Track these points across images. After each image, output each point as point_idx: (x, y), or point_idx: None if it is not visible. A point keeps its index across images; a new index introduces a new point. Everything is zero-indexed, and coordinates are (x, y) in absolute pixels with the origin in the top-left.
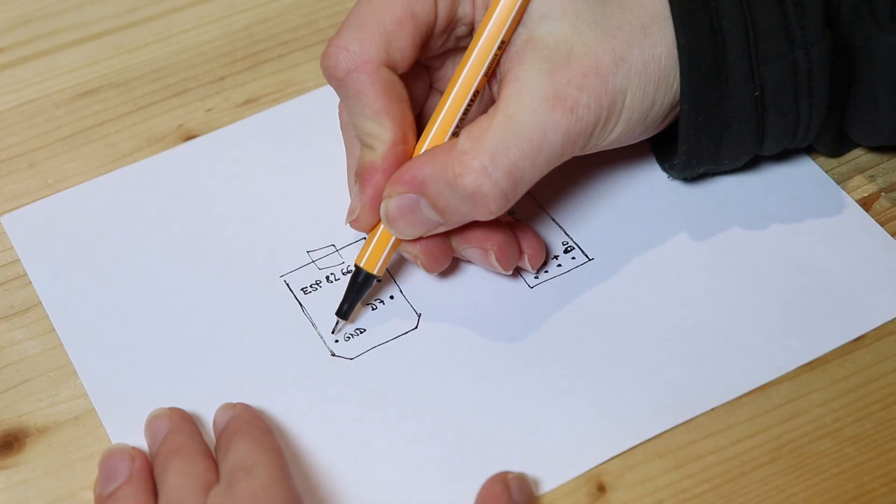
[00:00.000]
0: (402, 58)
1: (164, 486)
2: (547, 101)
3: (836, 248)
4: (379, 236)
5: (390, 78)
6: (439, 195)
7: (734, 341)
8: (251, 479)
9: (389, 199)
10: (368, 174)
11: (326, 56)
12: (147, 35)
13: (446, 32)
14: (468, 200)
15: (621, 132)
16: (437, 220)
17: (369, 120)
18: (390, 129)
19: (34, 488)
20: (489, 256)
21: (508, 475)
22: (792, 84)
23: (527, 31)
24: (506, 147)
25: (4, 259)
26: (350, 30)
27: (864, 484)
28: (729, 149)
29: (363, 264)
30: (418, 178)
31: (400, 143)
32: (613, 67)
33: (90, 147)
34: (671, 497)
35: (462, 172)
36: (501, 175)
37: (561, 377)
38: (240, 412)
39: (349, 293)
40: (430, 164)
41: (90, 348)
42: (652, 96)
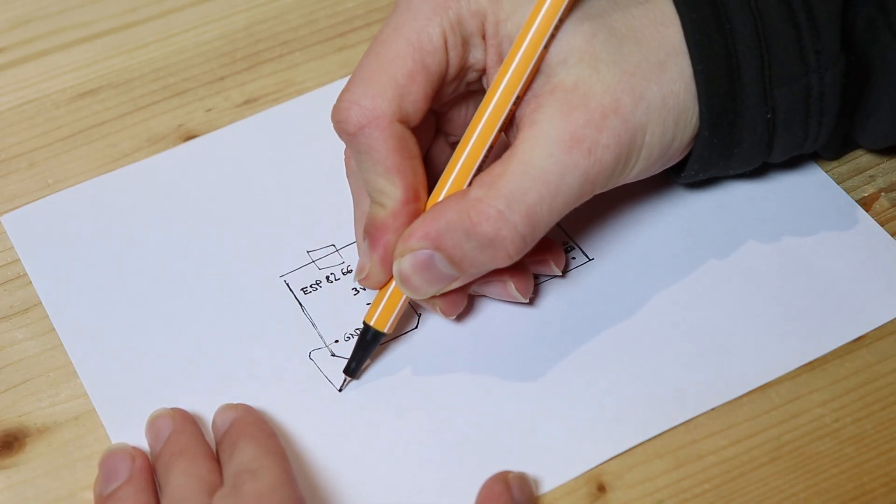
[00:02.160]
0: (414, 110)
1: (168, 487)
2: (564, 143)
3: (836, 248)
4: (390, 294)
5: (403, 133)
6: (456, 247)
7: (734, 341)
8: (256, 481)
9: (402, 258)
10: (378, 232)
11: (338, 110)
12: (147, 35)
13: (457, 80)
14: (487, 248)
15: (641, 169)
16: (453, 275)
17: (380, 177)
18: (401, 187)
19: (34, 488)
20: (508, 288)
21: (509, 475)
22: (804, 107)
23: (545, 77)
24: (522, 191)
25: (4, 259)
26: (361, 84)
27: (864, 484)
28: (738, 162)
29: (373, 323)
30: (432, 233)
31: (411, 202)
32: (633, 105)
33: (90, 147)
34: (671, 497)
35: (479, 220)
36: (519, 219)
37: (561, 377)
38: (242, 414)
39: (357, 351)
40: (444, 217)
41: (90, 348)
42: (672, 131)
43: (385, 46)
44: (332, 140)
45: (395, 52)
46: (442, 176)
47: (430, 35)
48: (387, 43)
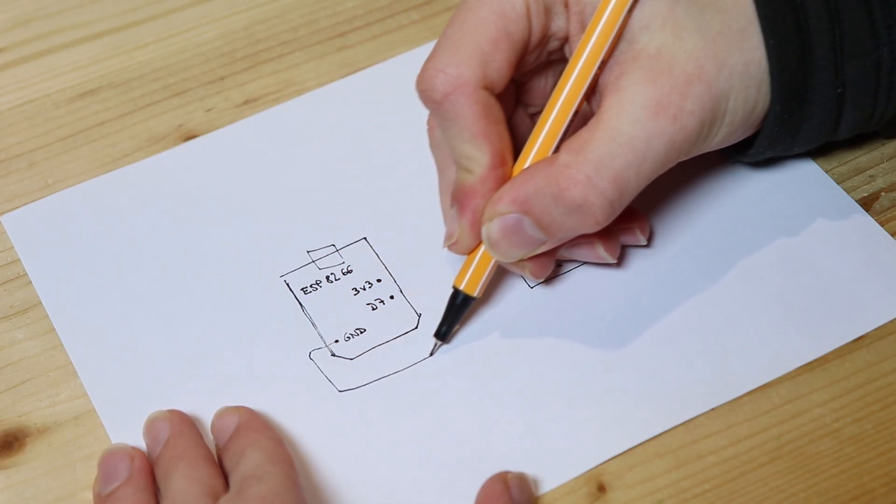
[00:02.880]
0: (498, 78)
1: (169, 491)
2: (650, 109)
3: (836, 248)
4: (479, 258)
5: (488, 100)
6: (544, 212)
7: (734, 341)
8: (261, 485)
9: (491, 222)
10: (467, 198)
11: (423, 79)
12: (147, 35)
13: (539, 48)
14: (575, 213)
15: (724, 135)
16: (540, 239)
17: (467, 143)
18: (488, 152)
19: (34, 488)
20: (596, 250)
21: (508, 475)
22: (874, 81)
23: (627, 44)
24: (610, 157)
25: (4, 259)
26: (446, 52)
27: (864, 484)
28: (804, 139)
29: (463, 287)
30: (521, 197)
31: (498, 167)
32: (716, 72)
33: (90, 147)
34: (671, 497)
35: (567, 185)
36: (607, 185)
37: (561, 377)
38: (248, 420)
39: (448, 315)
40: (532, 182)
41: (90, 348)
42: (754, 98)
43: (469, 14)
44: (332, 140)
45: (479, 19)
46: (527, 142)
47: (513, 3)
48: (471, 11)
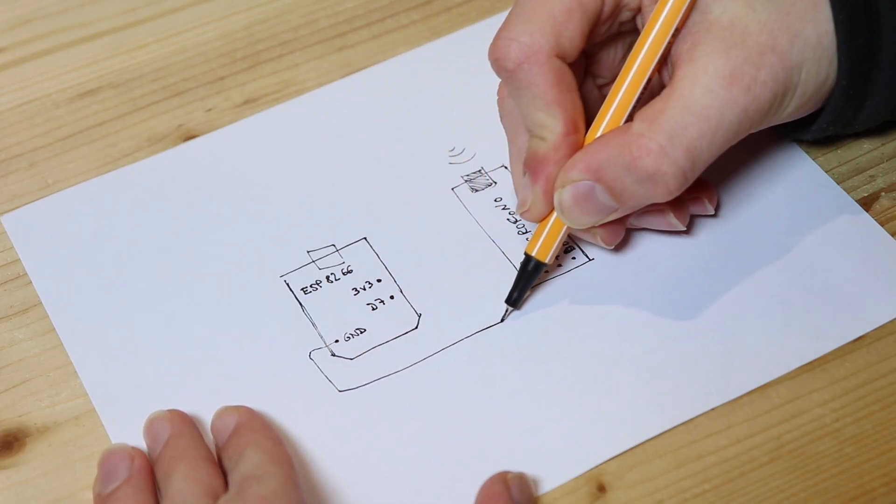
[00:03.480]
0: (571, 47)
1: (170, 491)
2: (724, 80)
3: (836, 248)
4: (552, 225)
5: (561, 68)
6: (616, 180)
7: (734, 341)
8: (261, 485)
9: (563, 189)
10: (540, 165)
11: (496, 48)
12: (147, 35)
13: (611, 18)
14: (647, 182)
15: (796, 107)
16: (612, 206)
17: (540, 111)
18: (562, 119)
19: (34, 488)
20: (667, 217)
21: (508, 475)
22: None
23: (700, 14)
24: (683, 126)
25: (4, 259)
26: (519, 21)
27: (864, 484)
28: (865, 117)
29: (535, 253)
30: (594, 165)
31: (571, 133)
32: (789, 43)
33: (90, 147)
34: (671, 497)
35: (640, 154)
36: (680, 154)
37: (561, 377)
38: (247, 420)
39: (519, 281)
40: (606, 150)
41: (90, 348)
42: (826, 70)
43: None
44: (332, 140)
45: None
46: (599, 111)
47: None
48: None
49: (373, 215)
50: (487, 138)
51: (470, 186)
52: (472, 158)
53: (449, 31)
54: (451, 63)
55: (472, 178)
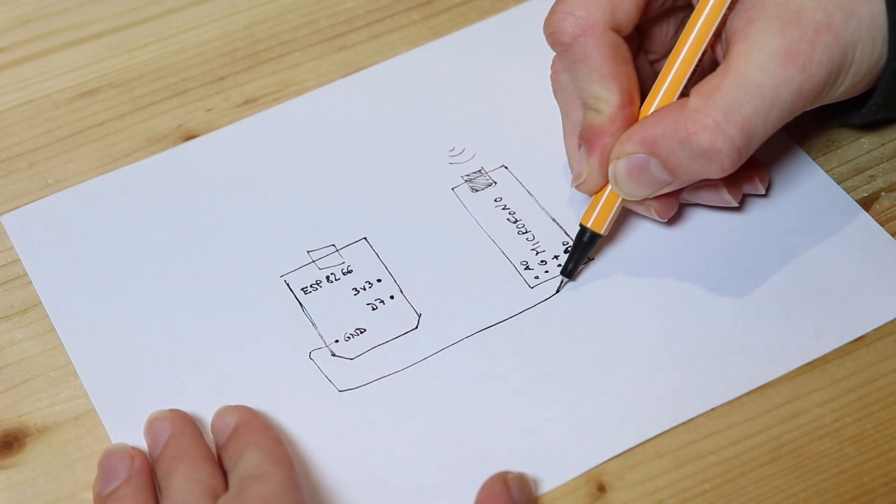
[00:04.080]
0: (626, 21)
1: (170, 491)
2: (779, 58)
3: (836, 248)
4: (607, 197)
5: (616, 41)
6: (671, 154)
7: (734, 341)
8: (261, 485)
9: (618, 161)
10: (596, 137)
11: (551, 21)
12: (147, 35)
13: None
14: (702, 158)
15: (849, 86)
16: (666, 180)
17: (596, 84)
18: (617, 92)
19: (34, 488)
20: (720, 193)
21: (508, 475)
22: None
23: None
24: (738, 104)
25: (4, 259)
26: None
27: (864, 484)
28: None
29: (590, 224)
30: (649, 138)
31: (626, 105)
32: (844, 22)
33: (90, 147)
34: (671, 497)
35: (696, 130)
36: (735, 131)
37: (561, 377)
38: (247, 420)
39: (574, 253)
40: (661, 124)
41: (90, 348)
42: (880, 49)
43: None
44: (332, 140)
45: None
46: (654, 86)
47: None
48: None
49: (373, 215)
50: (487, 138)
51: (470, 186)
52: (472, 158)
53: (449, 31)
54: (451, 63)
55: (472, 178)
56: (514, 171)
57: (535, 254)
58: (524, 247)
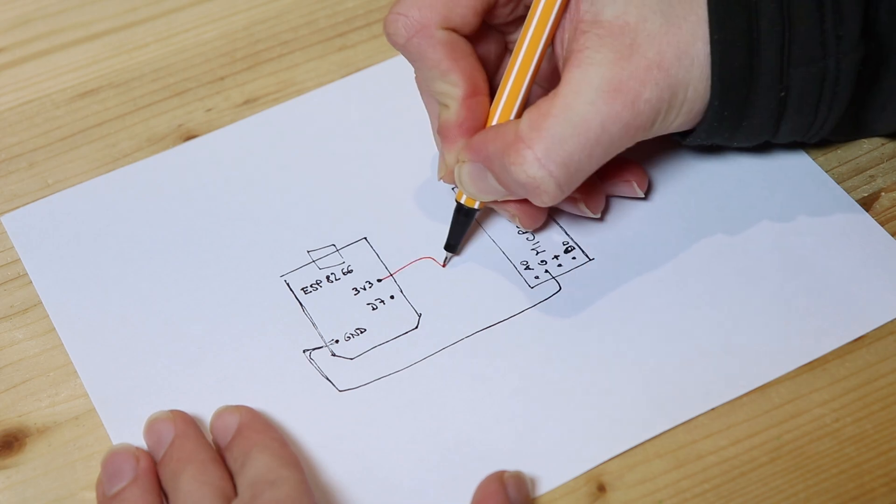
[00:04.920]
0: (463, 23)
1: (179, 494)
2: (608, 94)
3: (836, 248)
4: None
5: (450, 38)
6: (500, 174)
7: (734, 341)
8: (275, 490)
9: (462, 164)
10: (447, 131)
11: (387, 23)
12: (147, 35)
13: (512, 1)
14: (523, 188)
15: (681, 122)
16: (503, 192)
17: (437, 80)
18: (460, 85)
19: (34, 488)
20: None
21: (505, 474)
22: (817, 89)
23: (593, 12)
24: (562, 138)
25: (4, 259)
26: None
27: (864, 484)
28: (743, 135)
29: (464, 201)
30: (483, 153)
31: (471, 96)
32: (676, 61)
33: (90, 147)
34: (671, 497)
35: (516, 161)
36: (555, 167)
37: (561, 377)
38: (250, 420)
39: (454, 228)
40: (494, 143)
41: (90, 348)
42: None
43: None
44: (332, 140)
45: None
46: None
47: None
48: None
49: (373, 215)
50: None
51: None
52: None
53: None
54: None
55: None
56: None
57: (536, 254)
58: (524, 247)
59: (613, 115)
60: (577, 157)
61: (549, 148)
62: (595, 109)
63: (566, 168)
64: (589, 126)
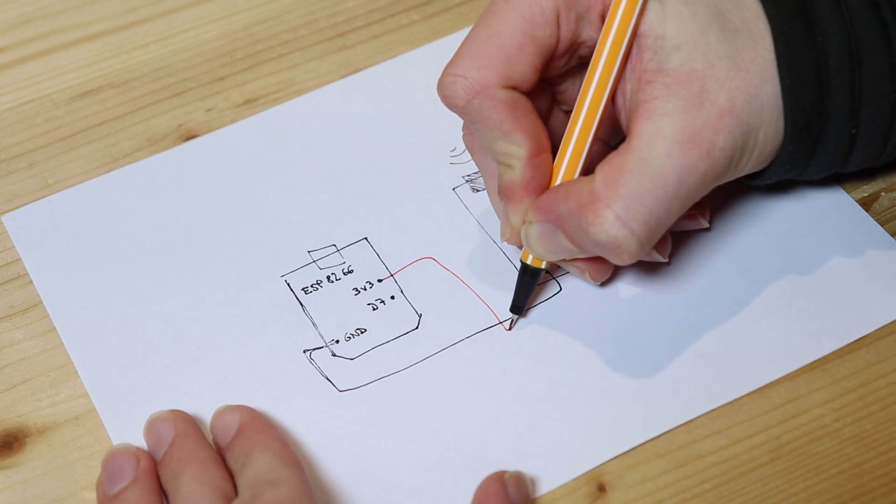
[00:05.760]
0: (522, 80)
1: (180, 494)
2: (683, 145)
3: (836, 248)
4: None
5: (512, 97)
6: (574, 234)
7: (734, 342)
8: (275, 490)
9: (530, 225)
10: (512, 192)
11: (443, 85)
12: (147, 35)
13: (568, 54)
14: (602, 248)
15: (752, 166)
16: (574, 251)
17: (500, 141)
18: (523, 144)
19: (34, 488)
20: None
21: (505, 474)
22: (888, 123)
23: (657, 61)
24: (641, 194)
25: (5, 259)
26: (467, 56)
27: (864, 484)
28: (812, 171)
29: (530, 261)
30: (554, 213)
31: (537, 155)
32: (747, 106)
33: (90, 147)
34: (671, 497)
35: (595, 222)
36: (636, 225)
37: (561, 377)
38: (251, 420)
39: (520, 290)
40: (567, 202)
41: (90, 348)
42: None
43: (495, 18)
44: (332, 140)
45: (504, 22)
46: (563, 140)
47: (542, 8)
48: (497, 14)
49: (373, 215)
50: None
51: (471, 186)
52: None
53: (449, 31)
54: None
55: (473, 178)
56: None
57: None
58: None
59: (690, 167)
60: (657, 212)
61: (628, 205)
62: (672, 162)
63: (647, 225)
64: (666, 180)
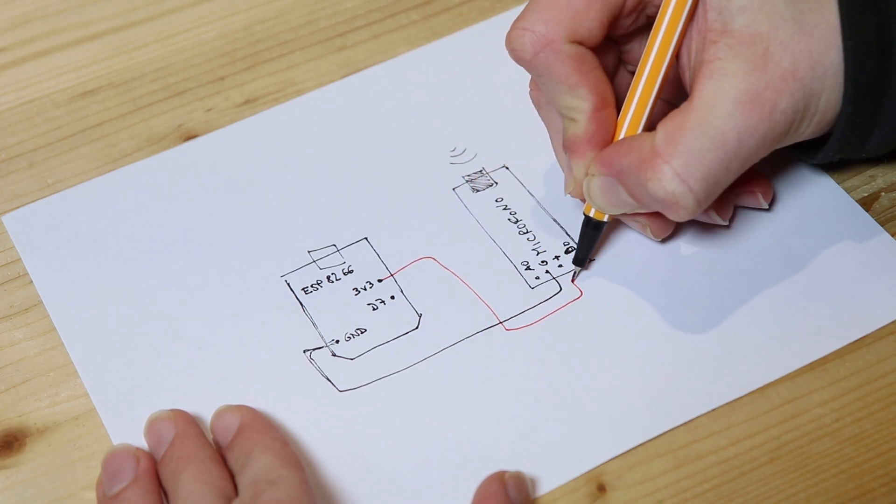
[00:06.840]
0: (589, 36)
1: (180, 493)
2: (745, 105)
3: (836, 248)
4: None
5: (578, 51)
6: (634, 188)
7: (734, 342)
8: (275, 490)
9: (592, 178)
10: (576, 146)
11: (511, 38)
12: (147, 35)
13: (635, 12)
14: (660, 203)
15: (812, 132)
16: (634, 205)
17: (565, 94)
18: (588, 98)
19: (34, 488)
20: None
21: (505, 474)
22: None
23: (722, 21)
24: (700, 153)
25: (5, 259)
26: (535, 11)
27: (864, 484)
28: (874, 145)
29: (592, 214)
30: (616, 167)
31: (600, 109)
32: (810, 70)
33: (90, 147)
34: (671, 497)
35: (653, 177)
36: (695, 182)
37: (561, 377)
38: (251, 420)
39: (582, 242)
40: (628, 156)
41: (90, 348)
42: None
43: None
44: (332, 140)
45: None
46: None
47: None
48: None
49: (374, 215)
50: (488, 138)
51: (471, 187)
52: (473, 158)
53: (449, 31)
54: (451, 63)
55: (473, 178)
56: (515, 172)
57: (536, 254)
58: (525, 247)
59: (751, 128)
60: (716, 171)
61: (687, 162)
62: (733, 122)
63: (705, 183)
64: (726, 139)
